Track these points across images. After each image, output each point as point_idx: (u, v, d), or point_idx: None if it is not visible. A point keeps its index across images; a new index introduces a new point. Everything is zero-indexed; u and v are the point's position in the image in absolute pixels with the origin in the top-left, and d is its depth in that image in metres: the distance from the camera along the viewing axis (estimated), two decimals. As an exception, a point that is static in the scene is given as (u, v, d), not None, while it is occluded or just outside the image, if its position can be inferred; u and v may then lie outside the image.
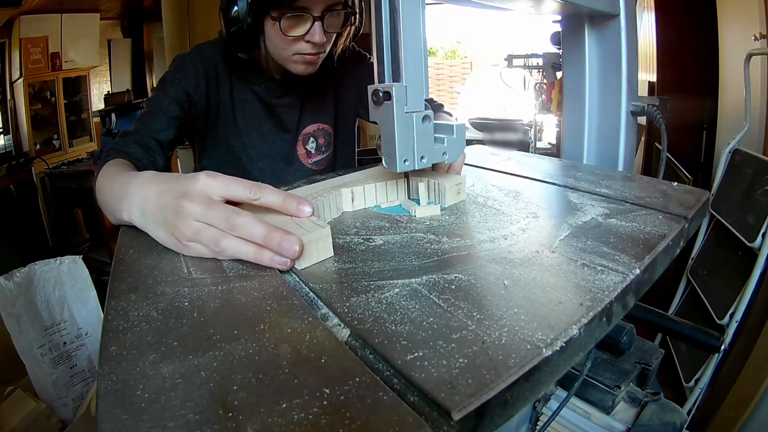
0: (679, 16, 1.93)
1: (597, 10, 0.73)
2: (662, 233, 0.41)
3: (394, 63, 0.46)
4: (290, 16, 0.68)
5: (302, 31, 0.70)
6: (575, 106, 0.82)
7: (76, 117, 3.48)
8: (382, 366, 0.25)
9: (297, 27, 0.70)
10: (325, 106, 0.92)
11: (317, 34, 0.70)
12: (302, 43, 0.72)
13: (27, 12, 2.88)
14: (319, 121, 0.91)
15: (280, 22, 0.68)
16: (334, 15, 0.72)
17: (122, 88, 3.78)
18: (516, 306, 0.30)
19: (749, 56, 1.34)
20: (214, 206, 0.40)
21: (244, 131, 0.85)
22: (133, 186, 0.47)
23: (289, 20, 0.69)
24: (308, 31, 0.70)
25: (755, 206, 1.22)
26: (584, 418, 0.50)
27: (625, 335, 0.49)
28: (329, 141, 0.94)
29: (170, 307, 0.33)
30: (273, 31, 0.70)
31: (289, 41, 0.71)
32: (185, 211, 0.39)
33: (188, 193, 0.40)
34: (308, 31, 0.70)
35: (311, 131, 0.91)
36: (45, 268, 0.99)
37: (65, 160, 3.10)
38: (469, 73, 6.34)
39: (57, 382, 0.97)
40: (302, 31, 0.70)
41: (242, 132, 0.85)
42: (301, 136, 0.90)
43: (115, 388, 0.24)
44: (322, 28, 0.70)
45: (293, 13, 0.68)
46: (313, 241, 0.38)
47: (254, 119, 0.85)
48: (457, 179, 0.54)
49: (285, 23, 0.69)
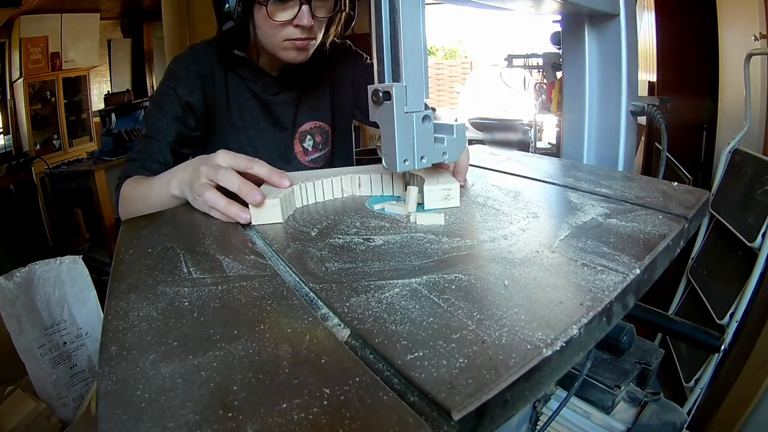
0: (679, 16, 1.92)
1: (597, 10, 0.73)
2: (662, 233, 0.41)
3: (394, 63, 0.46)
4: (277, 0, 0.69)
5: (290, 15, 0.70)
6: (575, 106, 0.82)
7: (76, 117, 3.48)
8: (382, 366, 0.25)
9: (284, 11, 0.70)
10: (321, 104, 0.92)
11: (305, 17, 0.70)
12: (291, 28, 0.72)
13: (27, 12, 2.88)
14: (316, 118, 0.91)
15: (267, 7, 0.68)
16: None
17: (122, 88, 3.78)
18: (516, 306, 0.30)
19: (749, 56, 1.34)
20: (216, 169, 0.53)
21: (240, 129, 0.85)
22: (178, 169, 0.61)
23: (277, 4, 0.69)
24: (296, 15, 0.70)
25: (755, 206, 1.22)
26: (584, 418, 0.50)
27: (625, 335, 0.49)
28: (326, 139, 0.94)
29: (170, 307, 0.33)
30: (262, 18, 0.71)
31: (278, 27, 0.71)
32: (200, 172, 0.53)
33: (206, 161, 0.55)
34: (296, 15, 0.70)
35: (308, 129, 0.91)
36: (45, 268, 0.99)
37: (65, 160, 3.10)
38: (469, 73, 6.34)
39: (57, 382, 0.97)
40: (290, 15, 0.70)
41: (239, 129, 0.85)
42: (297, 134, 0.90)
43: (115, 388, 0.24)
44: (309, 11, 0.70)
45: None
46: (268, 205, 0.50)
47: (251, 117, 0.85)
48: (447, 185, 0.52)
49: (272, 8, 0.69)
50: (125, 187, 0.72)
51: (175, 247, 0.43)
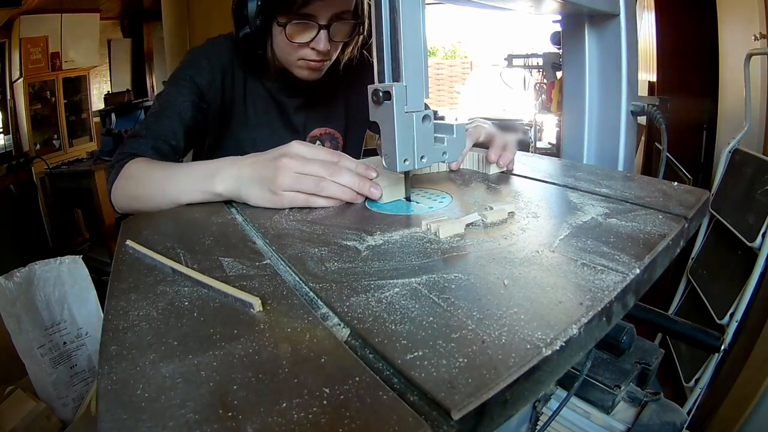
0: (679, 16, 1.93)
1: (597, 9, 0.73)
2: (662, 233, 0.41)
3: (394, 63, 0.46)
4: (297, 23, 0.68)
5: (308, 38, 0.70)
6: (575, 105, 0.82)
7: (76, 117, 3.48)
8: (381, 365, 0.25)
9: (303, 34, 0.70)
10: (334, 111, 0.92)
11: (322, 42, 0.70)
12: (307, 49, 0.71)
13: (27, 12, 2.88)
14: (327, 125, 0.91)
15: (286, 28, 0.68)
16: (341, 24, 0.71)
17: (122, 88, 3.78)
18: (516, 305, 0.30)
19: (749, 56, 1.34)
20: (312, 161, 0.51)
21: (254, 126, 0.85)
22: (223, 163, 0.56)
23: (296, 27, 0.69)
24: (314, 38, 0.70)
25: (755, 206, 1.22)
26: (584, 418, 0.50)
27: (625, 335, 0.49)
28: (335, 146, 0.94)
29: (170, 307, 0.33)
30: (280, 35, 0.70)
31: (295, 47, 0.71)
32: (284, 166, 0.50)
33: (286, 154, 0.51)
34: (314, 38, 0.70)
35: (317, 134, 0.91)
36: (45, 268, 0.98)
37: (65, 160, 3.10)
38: (469, 73, 6.34)
39: (57, 382, 0.97)
40: (308, 38, 0.70)
41: (253, 127, 0.85)
42: (308, 138, 0.90)
43: (115, 387, 0.24)
44: (327, 36, 0.70)
45: (300, 21, 0.68)
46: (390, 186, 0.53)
47: (265, 115, 0.85)
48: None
49: (291, 29, 0.69)
50: (132, 165, 0.65)
51: (175, 247, 0.43)
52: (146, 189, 0.60)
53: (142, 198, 0.60)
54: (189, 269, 0.37)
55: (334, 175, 0.51)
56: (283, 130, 0.87)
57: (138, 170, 0.64)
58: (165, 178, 0.59)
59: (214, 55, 0.78)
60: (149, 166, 0.64)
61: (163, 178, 0.59)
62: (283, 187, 0.50)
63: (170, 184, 0.58)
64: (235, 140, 0.84)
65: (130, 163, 0.65)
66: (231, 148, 0.84)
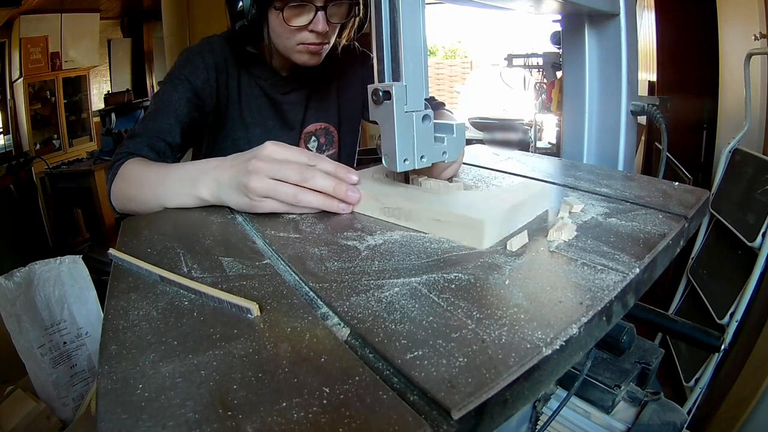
0: (679, 16, 1.93)
1: (597, 9, 0.72)
2: (662, 233, 0.41)
3: (394, 62, 0.46)
4: (293, 6, 0.69)
5: (305, 20, 0.70)
6: (575, 105, 0.82)
7: (76, 117, 3.48)
8: (381, 365, 0.25)
9: (300, 17, 0.70)
10: (328, 106, 0.92)
11: (320, 23, 0.70)
12: (305, 32, 0.72)
13: (27, 12, 2.88)
14: (322, 120, 0.92)
15: (283, 12, 0.68)
16: (337, 5, 0.72)
17: (122, 88, 3.78)
18: (516, 305, 0.30)
19: (749, 56, 1.34)
20: (285, 164, 0.47)
21: (249, 125, 0.85)
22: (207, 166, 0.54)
23: (292, 10, 0.69)
24: (311, 20, 0.70)
25: (755, 206, 1.22)
26: (584, 418, 0.50)
27: (625, 335, 0.49)
28: (330, 140, 0.94)
29: (170, 307, 0.33)
30: (276, 21, 0.71)
31: (293, 31, 0.71)
32: (256, 169, 0.47)
33: (258, 156, 0.48)
34: (311, 20, 0.70)
35: (312, 130, 0.91)
36: (45, 268, 0.99)
37: (65, 160, 3.11)
38: (469, 73, 6.34)
39: (57, 382, 0.97)
40: (305, 20, 0.70)
41: (248, 126, 0.85)
42: (303, 134, 0.90)
43: (115, 387, 0.24)
44: (325, 17, 0.70)
45: (296, 3, 0.68)
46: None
47: (260, 114, 0.85)
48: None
49: (288, 13, 0.69)
50: (128, 166, 0.65)
51: (175, 247, 0.43)
52: (139, 192, 0.60)
53: (137, 201, 0.60)
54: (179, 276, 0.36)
55: (307, 180, 0.47)
56: (278, 127, 0.87)
57: (132, 172, 0.63)
58: (156, 182, 0.58)
59: (208, 54, 0.78)
60: (143, 169, 0.63)
61: (155, 183, 0.58)
62: (257, 193, 0.47)
63: (161, 189, 0.57)
64: (232, 140, 0.84)
65: (126, 164, 0.65)
66: (228, 148, 0.84)
